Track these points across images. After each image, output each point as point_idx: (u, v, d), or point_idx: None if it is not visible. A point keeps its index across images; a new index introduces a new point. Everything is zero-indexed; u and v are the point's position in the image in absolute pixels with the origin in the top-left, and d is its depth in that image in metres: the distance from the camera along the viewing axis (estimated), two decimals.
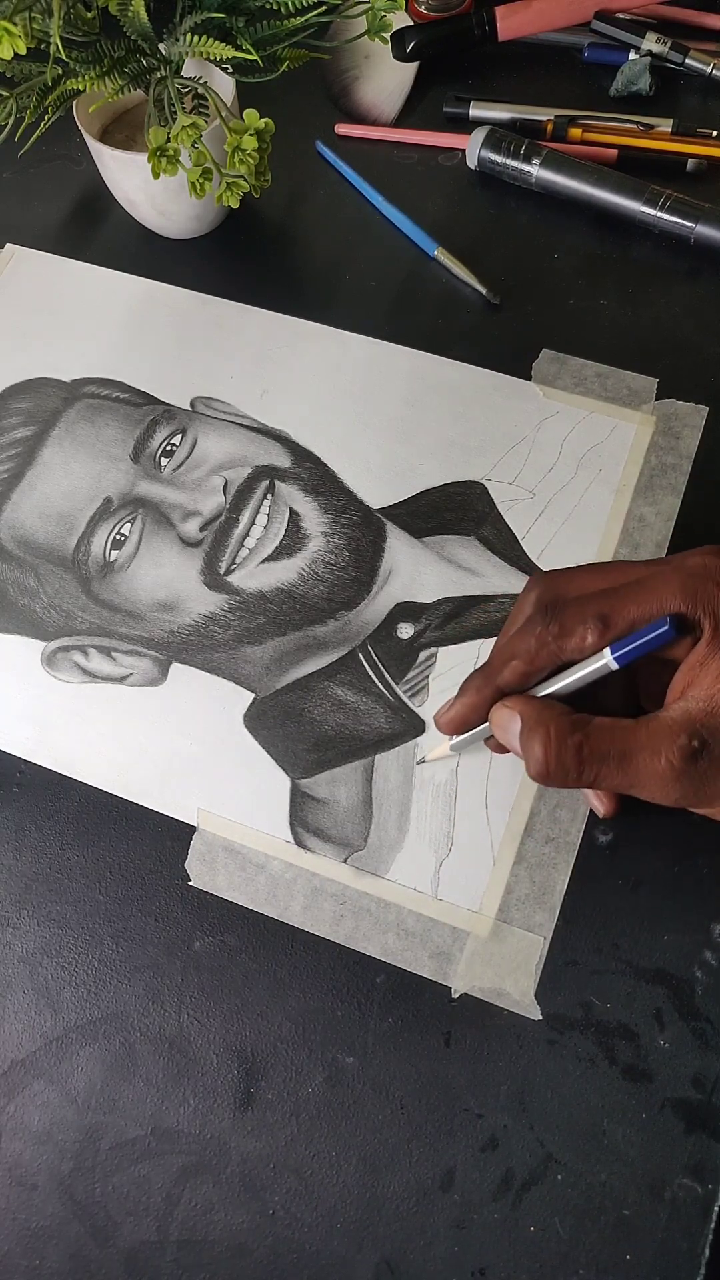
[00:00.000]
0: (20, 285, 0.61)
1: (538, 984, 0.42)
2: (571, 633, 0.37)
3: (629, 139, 0.61)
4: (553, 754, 0.36)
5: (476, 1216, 0.39)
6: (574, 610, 0.37)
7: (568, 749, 0.36)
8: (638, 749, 0.35)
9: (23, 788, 0.47)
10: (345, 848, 0.45)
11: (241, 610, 0.50)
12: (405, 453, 0.53)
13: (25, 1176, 0.41)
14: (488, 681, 0.40)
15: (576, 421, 0.53)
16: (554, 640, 0.37)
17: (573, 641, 0.37)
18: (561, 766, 0.36)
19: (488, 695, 0.40)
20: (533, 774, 0.37)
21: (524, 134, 0.61)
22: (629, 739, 0.36)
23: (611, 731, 0.36)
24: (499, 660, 0.40)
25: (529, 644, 0.38)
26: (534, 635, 0.38)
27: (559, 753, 0.36)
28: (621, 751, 0.36)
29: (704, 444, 0.52)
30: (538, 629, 0.38)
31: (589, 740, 0.36)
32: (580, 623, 0.37)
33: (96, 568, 0.51)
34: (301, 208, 0.62)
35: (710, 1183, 0.39)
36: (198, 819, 0.46)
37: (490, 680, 0.40)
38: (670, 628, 0.35)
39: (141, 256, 0.61)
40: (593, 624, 0.37)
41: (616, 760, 0.36)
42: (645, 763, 0.35)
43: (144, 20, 0.49)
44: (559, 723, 0.36)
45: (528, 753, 0.37)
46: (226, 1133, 0.41)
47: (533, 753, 0.36)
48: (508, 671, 0.39)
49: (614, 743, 0.36)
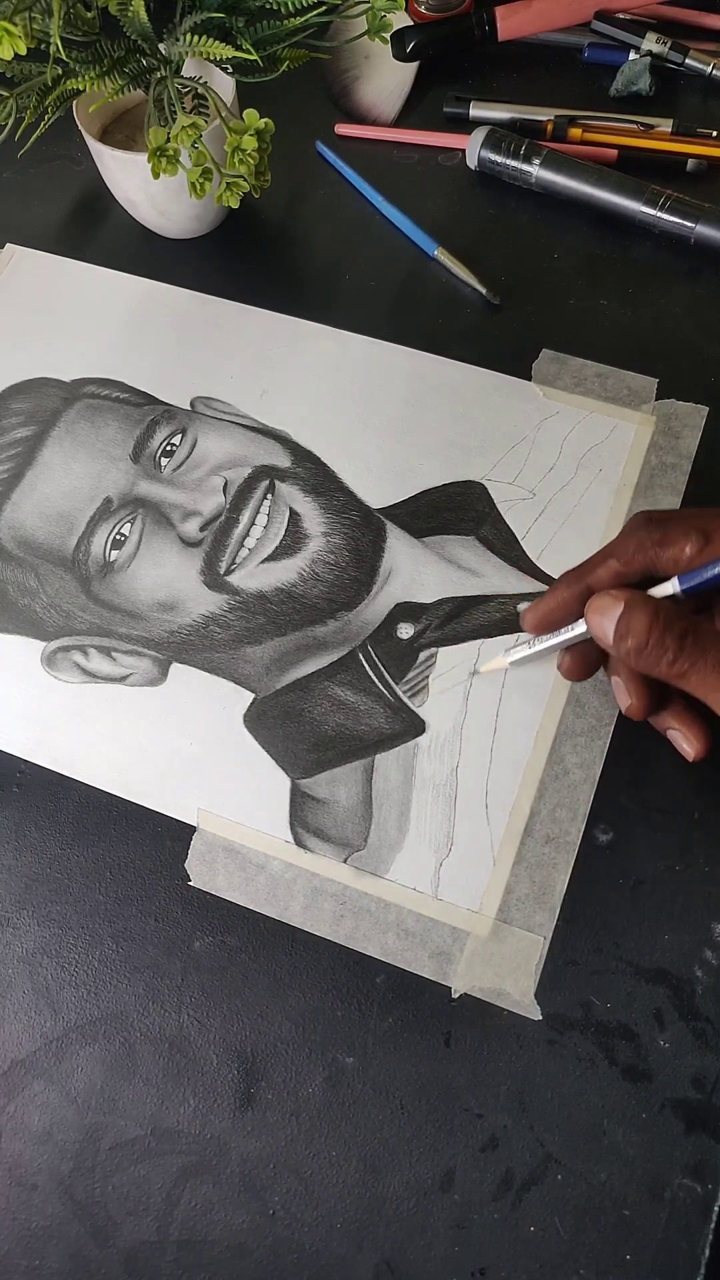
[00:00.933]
0: (20, 285, 0.61)
1: (538, 984, 0.42)
2: (673, 542, 0.38)
3: (629, 139, 0.61)
4: (659, 630, 0.36)
5: (476, 1216, 0.39)
6: (678, 523, 0.38)
7: (673, 633, 0.36)
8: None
9: (23, 788, 0.47)
10: (345, 848, 0.45)
11: (241, 610, 0.50)
12: (405, 453, 0.53)
13: (25, 1176, 0.41)
14: (580, 578, 0.40)
15: (576, 421, 0.53)
16: (654, 545, 0.38)
17: (671, 551, 0.38)
18: (661, 645, 0.36)
19: (579, 592, 0.40)
20: (628, 648, 0.37)
21: (524, 134, 0.61)
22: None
23: (717, 635, 0.37)
24: (595, 560, 0.40)
25: (629, 546, 0.39)
26: (635, 539, 0.39)
27: (665, 632, 0.36)
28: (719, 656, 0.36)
29: (704, 444, 0.52)
30: (640, 533, 0.39)
31: (695, 633, 0.36)
32: (683, 534, 0.38)
33: (96, 568, 0.51)
34: (301, 208, 0.62)
35: (710, 1183, 0.39)
36: (198, 819, 0.46)
37: (583, 577, 0.40)
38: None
39: (141, 256, 0.61)
40: (695, 536, 0.37)
41: (714, 662, 0.36)
42: None
43: (144, 20, 0.49)
44: (669, 608, 0.37)
45: (631, 628, 0.37)
46: (226, 1133, 0.41)
47: (636, 626, 0.36)
48: (602, 570, 0.40)
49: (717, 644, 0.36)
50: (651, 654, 0.37)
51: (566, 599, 0.41)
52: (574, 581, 0.41)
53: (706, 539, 0.38)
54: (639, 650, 0.37)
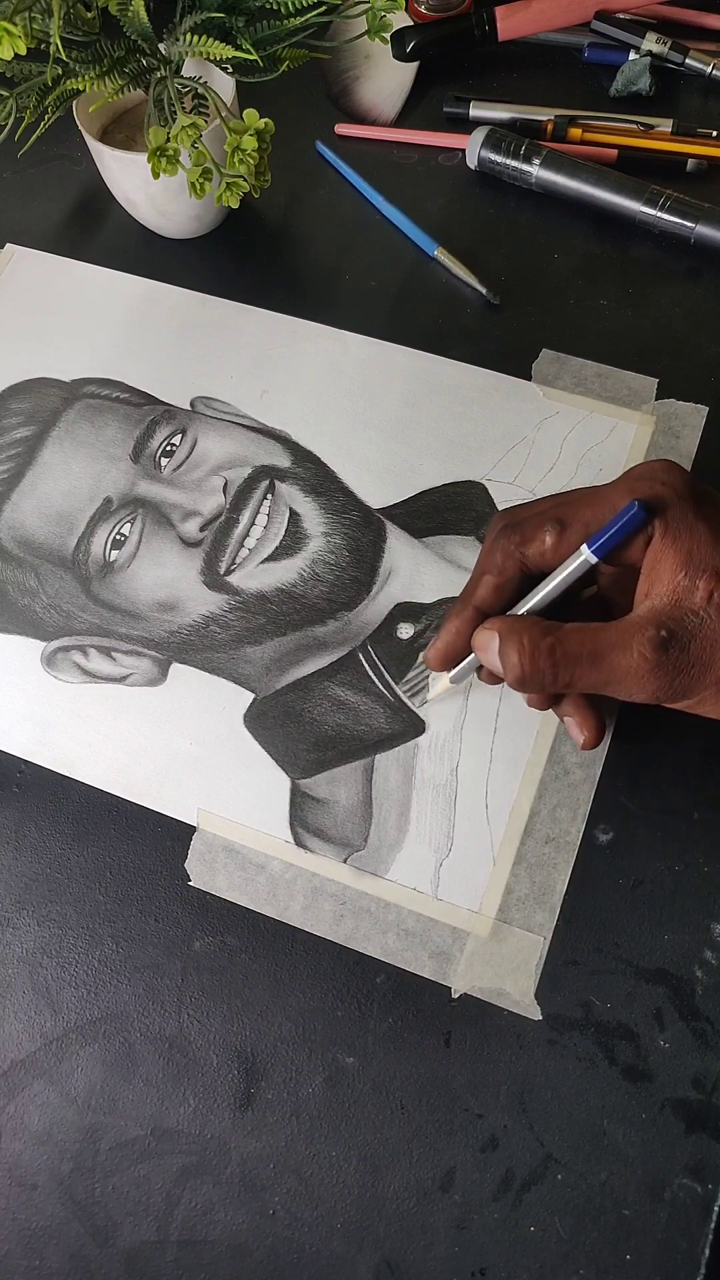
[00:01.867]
0: (20, 285, 0.61)
1: (538, 984, 0.42)
2: (532, 539, 0.39)
3: (629, 139, 0.61)
4: (527, 658, 0.38)
5: (476, 1216, 0.39)
6: (533, 520, 0.40)
7: (541, 652, 0.37)
8: (608, 647, 0.37)
9: (23, 788, 0.47)
10: (345, 848, 0.45)
11: (241, 610, 0.50)
12: (405, 453, 0.53)
13: (25, 1176, 0.41)
14: (465, 604, 0.42)
15: (576, 421, 0.53)
16: (516, 548, 0.40)
17: (534, 547, 0.39)
18: (536, 670, 0.38)
19: (469, 618, 0.41)
20: (511, 681, 0.38)
21: (524, 134, 0.61)
22: (599, 638, 0.37)
23: (582, 633, 0.38)
24: (472, 583, 0.42)
25: (495, 558, 0.40)
26: (499, 548, 0.40)
27: (533, 656, 0.37)
28: (593, 651, 0.37)
29: (704, 444, 0.52)
30: (501, 542, 0.40)
31: (561, 643, 0.37)
32: (539, 527, 0.39)
33: (96, 568, 0.51)
34: (301, 208, 0.62)
35: (710, 1183, 0.39)
36: (198, 819, 0.46)
37: (467, 601, 0.42)
38: (639, 510, 0.37)
39: (141, 256, 0.61)
40: (550, 526, 0.39)
41: (589, 660, 0.37)
42: (617, 660, 0.37)
43: (144, 20, 0.49)
44: (532, 630, 0.38)
45: (505, 662, 0.38)
46: (226, 1133, 0.41)
47: (509, 661, 0.38)
48: (481, 588, 0.41)
49: (585, 644, 0.37)
50: (532, 679, 0.38)
51: (459, 628, 0.42)
52: (461, 609, 0.42)
53: (562, 525, 0.39)
54: (520, 680, 0.38)
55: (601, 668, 0.37)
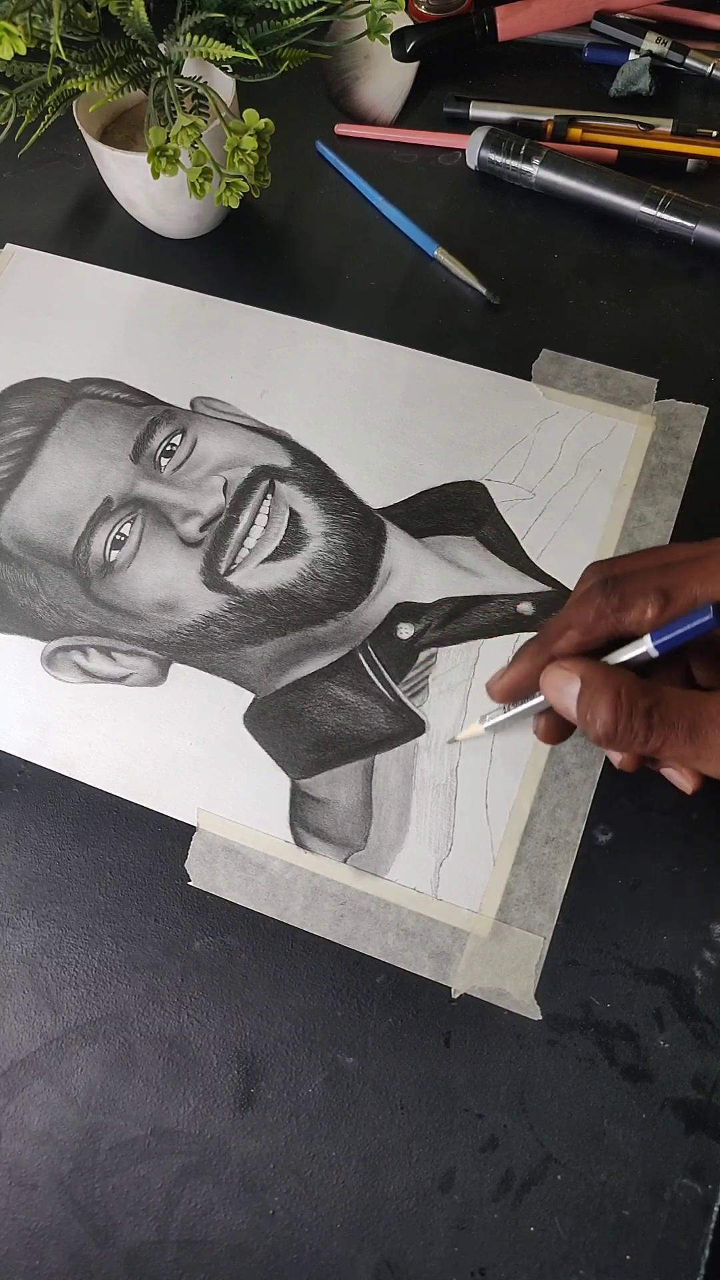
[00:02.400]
0: (20, 285, 0.61)
1: (538, 984, 0.42)
2: (632, 605, 0.37)
3: (629, 139, 0.61)
4: (623, 715, 0.35)
5: (476, 1216, 0.39)
6: (635, 583, 0.37)
7: (639, 712, 0.35)
8: (709, 720, 0.35)
9: (23, 788, 0.47)
10: (345, 848, 0.45)
11: (241, 610, 0.50)
12: (405, 453, 0.53)
13: (25, 1176, 0.41)
14: (542, 649, 0.39)
15: (576, 421, 0.53)
16: (614, 612, 0.37)
17: (632, 615, 0.37)
18: (630, 730, 0.35)
19: (541, 663, 0.39)
20: (597, 735, 0.36)
21: (524, 134, 0.61)
22: (700, 710, 0.35)
23: (683, 700, 0.35)
24: (555, 630, 0.39)
25: (587, 614, 0.37)
26: (593, 606, 0.37)
27: (630, 715, 0.35)
28: (692, 721, 0.35)
29: (704, 444, 0.52)
30: (597, 600, 0.37)
31: (659, 707, 0.35)
32: (641, 595, 0.36)
33: (96, 568, 0.51)
34: (301, 208, 0.62)
35: (710, 1183, 0.39)
36: (198, 819, 0.46)
37: (545, 648, 0.39)
38: (712, 616, 0.35)
39: (141, 256, 0.61)
40: (654, 597, 0.36)
41: (686, 730, 0.35)
42: (716, 737, 0.35)
43: (144, 20, 0.49)
44: (629, 685, 0.36)
45: (592, 713, 0.36)
46: (226, 1133, 0.41)
47: (599, 714, 0.36)
48: (563, 641, 0.38)
49: (684, 712, 0.35)
50: (622, 739, 0.36)
51: (529, 670, 0.40)
52: (537, 653, 0.40)
53: (667, 598, 0.36)
54: (609, 737, 0.36)
55: (696, 742, 0.35)
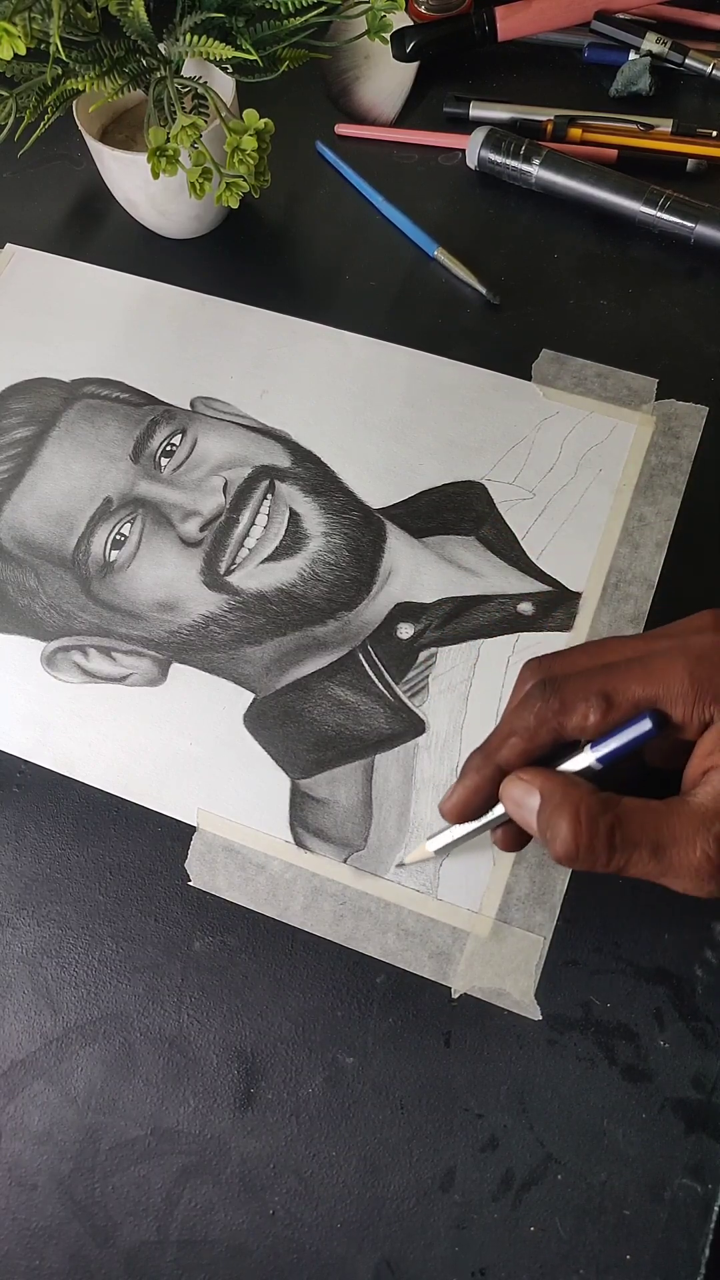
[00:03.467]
0: (20, 285, 0.61)
1: (538, 984, 0.42)
2: (573, 709, 0.35)
3: (629, 139, 0.61)
4: (584, 838, 0.33)
5: (476, 1216, 0.39)
6: (575, 685, 0.35)
7: (599, 833, 0.33)
8: (672, 840, 0.33)
9: (23, 788, 0.47)
10: (345, 848, 0.45)
11: (241, 610, 0.50)
12: (405, 453, 0.53)
13: (25, 1176, 0.41)
14: (487, 760, 0.37)
15: (576, 421, 0.53)
16: (554, 716, 0.35)
17: (574, 719, 0.35)
18: (591, 852, 0.33)
19: (489, 775, 0.37)
20: (557, 855, 0.34)
21: (524, 134, 0.61)
22: (662, 828, 0.33)
23: (644, 816, 0.34)
24: (498, 738, 0.37)
25: (528, 720, 0.36)
26: (533, 711, 0.35)
27: (590, 837, 0.33)
28: (655, 841, 0.33)
29: (704, 444, 0.52)
30: (537, 705, 0.35)
31: (621, 825, 0.33)
32: (582, 699, 0.35)
33: (96, 568, 0.51)
34: (301, 208, 0.62)
35: (710, 1183, 0.39)
36: (198, 819, 0.46)
37: (490, 759, 0.37)
38: (652, 726, 0.34)
39: (141, 256, 0.61)
40: (595, 701, 0.35)
41: (650, 850, 0.33)
42: (680, 856, 0.33)
43: (144, 20, 0.49)
44: (589, 802, 0.34)
45: (552, 833, 0.34)
46: (226, 1133, 0.41)
47: (559, 834, 0.34)
48: (506, 749, 0.37)
49: (646, 830, 0.33)
50: (584, 861, 0.34)
51: (478, 784, 0.38)
52: (483, 765, 0.38)
53: (609, 702, 0.34)
54: (570, 859, 0.34)
55: (662, 861, 0.33)
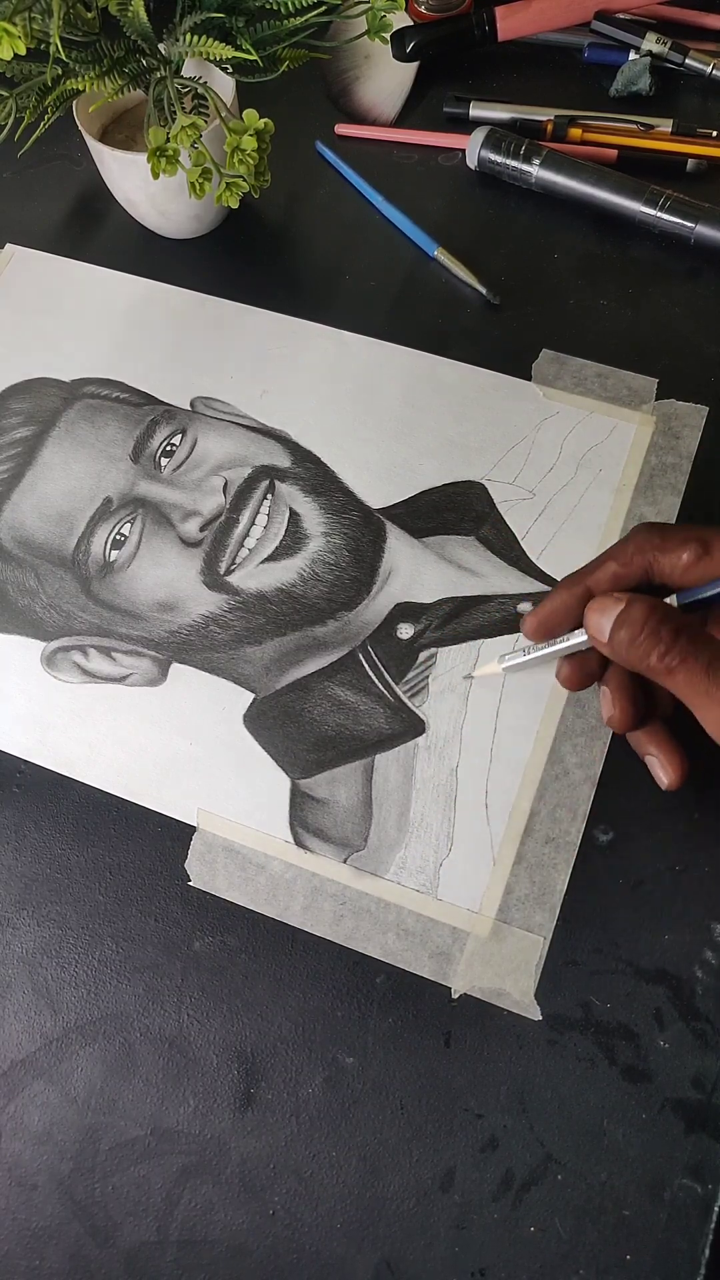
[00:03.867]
0: (20, 285, 0.61)
1: (538, 984, 0.42)
2: (672, 548, 0.38)
3: (629, 139, 0.61)
4: (655, 622, 0.36)
5: (476, 1216, 0.39)
6: (678, 530, 0.38)
7: (669, 625, 0.36)
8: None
9: (23, 788, 0.47)
10: (345, 848, 0.45)
11: (241, 610, 0.50)
12: (405, 453, 0.53)
13: (25, 1176, 0.41)
14: (579, 580, 0.40)
15: (576, 422, 0.53)
16: (653, 550, 0.38)
17: (669, 557, 0.38)
18: (655, 636, 0.36)
19: (578, 594, 0.40)
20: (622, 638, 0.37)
21: (524, 134, 0.61)
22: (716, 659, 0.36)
23: (711, 641, 0.36)
24: (594, 563, 0.40)
25: (627, 548, 0.39)
26: (634, 541, 0.39)
27: (660, 624, 0.36)
28: (712, 659, 0.36)
29: (704, 444, 0.52)
30: (639, 536, 0.39)
31: (689, 632, 0.36)
32: (681, 541, 0.38)
33: (96, 568, 0.51)
34: (301, 208, 0.62)
35: (710, 1183, 0.39)
36: (198, 819, 0.46)
37: (581, 580, 0.40)
38: None
39: (141, 256, 0.61)
40: (695, 545, 0.38)
41: (705, 663, 0.36)
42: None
43: (144, 20, 0.49)
44: (666, 608, 0.37)
45: (626, 616, 0.37)
46: (226, 1133, 0.41)
47: (632, 616, 0.36)
48: (600, 572, 0.39)
49: (709, 649, 0.36)
50: (644, 644, 0.36)
51: (566, 601, 0.41)
52: (573, 584, 0.40)
53: (705, 548, 0.38)
54: (632, 640, 0.36)
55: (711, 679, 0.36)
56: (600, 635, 0.38)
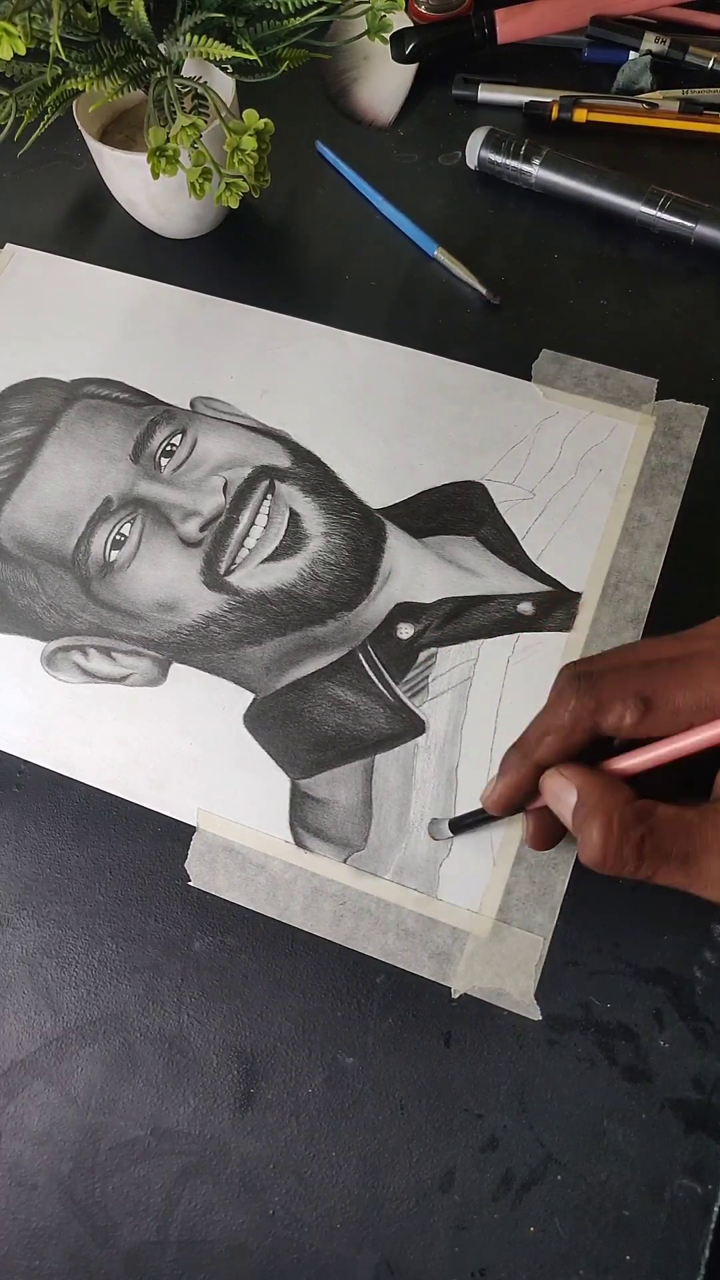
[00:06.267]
0: (20, 285, 0.61)
1: (538, 984, 0.42)
2: (609, 708, 0.35)
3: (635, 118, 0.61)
4: (613, 847, 0.33)
5: (476, 1217, 0.39)
6: (612, 683, 0.35)
7: (629, 843, 0.33)
8: (703, 850, 0.33)
9: (23, 788, 0.47)
10: (345, 848, 0.45)
11: (241, 610, 0.50)
12: (405, 453, 0.53)
13: (25, 1176, 0.41)
14: (525, 760, 0.38)
15: (576, 422, 0.53)
16: (589, 715, 0.35)
17: (610, 718, 0.35)
18: (620, 859, 0.34)
19: (528, 773, 0.38)
20: (586, 859, 0.34)
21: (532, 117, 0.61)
22: (694, 838, 0.34)
23: (676, 826, 0.34)
24: (534, 735, 0.37)
25: (563, 719, 0.36)
26: (568, 709, 0.36)
27: (620, 846, 0.33)
28: (685, 851, 0.33)
29: (704, 444, 0.52)
30: (571, 702, 0.36)
31: (652, 836, 0.34)
32: (619, 698, 0.35)
33: (96, 568, 0.51)
34: (301, 208, 0.62)
35: (710, 1183, 0.39)
36: (197, 819, 0.46)
37: (527, 758, 0.37)
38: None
39: (141, 256, 0.61)
40: (633, 702, 0.35)
41: (679, 860, 0.33)
42: (710, 866, 0.33)
43: (144, 20, 0.49)
44: (622, 811, 0.34)
45: (584, 837, 0.34)
46: (226, 1133, 0.41)
47: (590, 839, 0.34)
48: (543, 748, 0.37)
49: (678, 841, 0.34)
50: (613, 869, 0.34)
51: (518, 782, 0.38)
52: (520, 763, 0.38)
53: (647, 705, 0.35)
54: (599, 865, 0.34)
55: (690, 871, 0.33)
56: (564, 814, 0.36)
